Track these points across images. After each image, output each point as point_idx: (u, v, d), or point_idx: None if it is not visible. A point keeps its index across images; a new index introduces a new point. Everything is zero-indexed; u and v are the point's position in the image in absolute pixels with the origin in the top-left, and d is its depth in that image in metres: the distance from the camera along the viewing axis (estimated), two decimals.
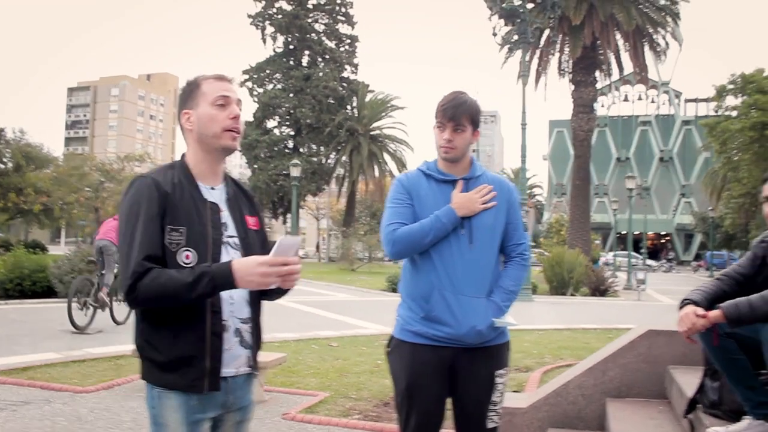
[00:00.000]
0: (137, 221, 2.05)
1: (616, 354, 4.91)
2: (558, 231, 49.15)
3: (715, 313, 2.88)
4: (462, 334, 2.78)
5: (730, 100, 34.55)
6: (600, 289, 23.02)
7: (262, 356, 6.73)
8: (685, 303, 3.08)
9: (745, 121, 31.26)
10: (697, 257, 71.15)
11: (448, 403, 2.94)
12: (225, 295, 2.11)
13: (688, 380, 4.14)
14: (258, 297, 2.26)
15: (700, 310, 2.94)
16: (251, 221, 2.30)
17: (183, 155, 2.26)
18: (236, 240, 2.21)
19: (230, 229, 2.20)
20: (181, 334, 2.06)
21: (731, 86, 33.37)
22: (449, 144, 2.84)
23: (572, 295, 22.47)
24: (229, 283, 2.01)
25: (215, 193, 2.23)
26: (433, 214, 2.80)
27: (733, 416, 3.21)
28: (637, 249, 51.10)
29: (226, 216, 2.22)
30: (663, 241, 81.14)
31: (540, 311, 17.17)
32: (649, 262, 51.77)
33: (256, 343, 2.26)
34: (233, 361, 2.15)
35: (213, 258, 2.10)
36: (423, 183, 2.92)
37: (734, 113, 33.79)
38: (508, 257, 2.97)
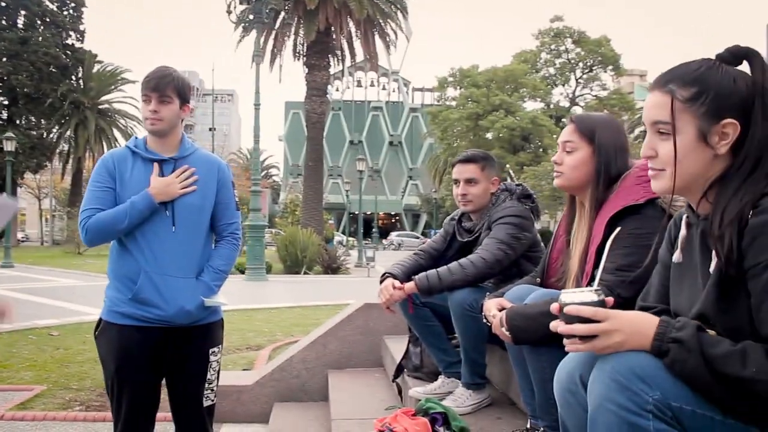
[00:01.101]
0: None
1: (336, 327, 5.19)
2: (293, 211, 49.98)
3: (409, 285, 3.19)
4: (171, 315, 2.77)
5: (451, 92, 37.61)
6: (332, 267, 23.87)
7: None
8: (384, 276, 3.37)
9: (462, 112, 34.19)
10: (423, 235, 76.53)
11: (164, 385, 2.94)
12: None
13: (398, 348, 4.50)
14: None
15: (398, 283, 3.24)
16: None
17: None
18: None
19: None
20: None
21: (451, 79, 36.26)
22: (155, 115, 2.77)
23: (306, 273, 23.06)
24: None
25: None
26: (129, 200, 2.75)
27: (433, 377, 3.58)
28: (369, 228, 53.66)
29: None
30: (393, 221, 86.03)
31: (273, 290, 17.45)
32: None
33: None
34: None
35: None
36: (129, 161, 2.84)
37: (454, 104, 36.81)
38: (219, 236, 2.98)
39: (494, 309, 2.34)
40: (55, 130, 48.51)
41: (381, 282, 3.35)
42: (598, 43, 37.54)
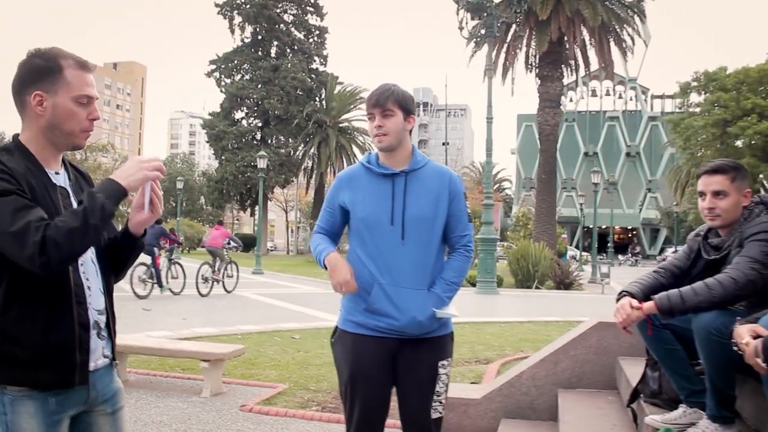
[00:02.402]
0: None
1: (567, 345, 4.98)
2: (525, 225, 49.40)
3: (648, 305, 2.95)
4: (403, 325, 2.81)
5: (694, 97, 35.13)
6: (565, 283, 23.24)
7: (221, 348, 6.74)
8: (622, 295, 3.15)
9: (708, 118, 31.79)
10: (662, 251, 72.28)
11: (394, 392, 2.97)
12: (85, 285, 2.03)
13: (635, 371, 4.22)
14: (112, 283, 2.20)
15: (635, 302, 3.01)
16: None
17: (16, 137, 2.06)
18: None
19: None
20: (49, 328, 1.93)
21: (695, 83, 33.86)
22: (380, 130, 2.85)
23: (537, 288, 22.66)
24: (116, 187, 1.94)
25: (60, 178, 2.09)
26: (319, 250, 2.98)
27: (672, 405, 3.29)
28: (604, 243, 51.65)
29: (72, 201, 2.08)
30: (630, 235, 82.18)
31: (504, 304, 17.34)
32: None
33: (112, 333, 2.17)
34: (91, 354, 2.05)
35: None
36: (363, 177, 2.94)
37: (698, 110, 34.34)
38: (452, 248, 2.97)
39: (747, 336, 2.08)
40: (300, 148, 52.25)
41: (617, 300, 3.13)
42: None
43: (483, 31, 21.24)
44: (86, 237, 1.86)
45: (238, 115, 52.38)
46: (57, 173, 2.07)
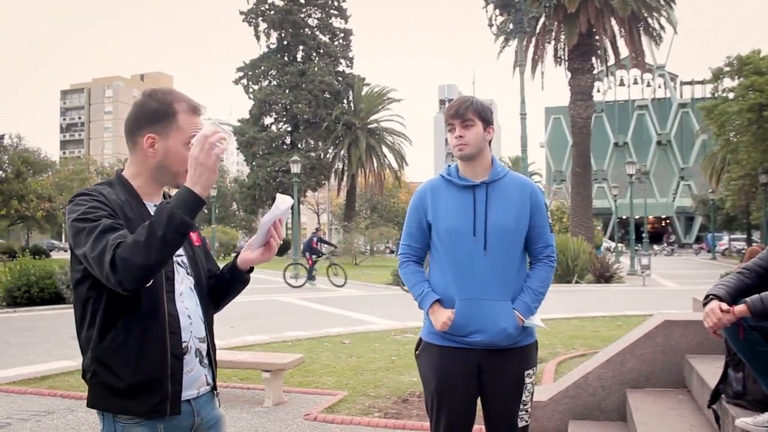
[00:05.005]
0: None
1: (634, 345, 4.96)
2: (560, 218, 49.01)
3: (740, 308, 2.92)
4: (489, 338, 2.82)
5: (727, 82, 34.56)
6: (605, 276, 23.00)
7: (282, 358, 6.78)
8: (709, 298, 3.11)
9: (743, 103, 31.21)
10: (698, 239, 71.29)
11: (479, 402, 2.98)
12: (183, 315, 2.05)
13: (708, 369, 4.19)
14: (211, 312, 2.23)
15: (725, 305, 2.98)
16: (194, 237, 2.22)
17: (120, 172, 2.14)
18: (184, 259, 2.14)
19: None
20: (142, 357, 1.96)
21: (727, 68, 33.33)
22: (461, 140, 2.88)
23: (577, 282, 22.48)
24: (186, 195, 1.84)
25: None
26: (420, 293, 2.95)
27: (759, 406, 3.25)
28: (639, 233, 51.19)
29: None
30: (663, 224, 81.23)
31: (546, 300, 17.06)
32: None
33: (213, 360, 2.20)
34: (194, 382, 2.09)
35: (167, 276, 2.03)
36: (443, 189, 2.96)
37: (731, 95, 33.77)
38: (534, 259, 2.98)
39: None
40: (330, 151, 52.35)
41: (704, 304, 3.10)
42: None
43: (511, 26, 21.06)
44: (151, 248, 1.79)
45: (268, 120, 52.64)
46: (155, 205, 2.11)
